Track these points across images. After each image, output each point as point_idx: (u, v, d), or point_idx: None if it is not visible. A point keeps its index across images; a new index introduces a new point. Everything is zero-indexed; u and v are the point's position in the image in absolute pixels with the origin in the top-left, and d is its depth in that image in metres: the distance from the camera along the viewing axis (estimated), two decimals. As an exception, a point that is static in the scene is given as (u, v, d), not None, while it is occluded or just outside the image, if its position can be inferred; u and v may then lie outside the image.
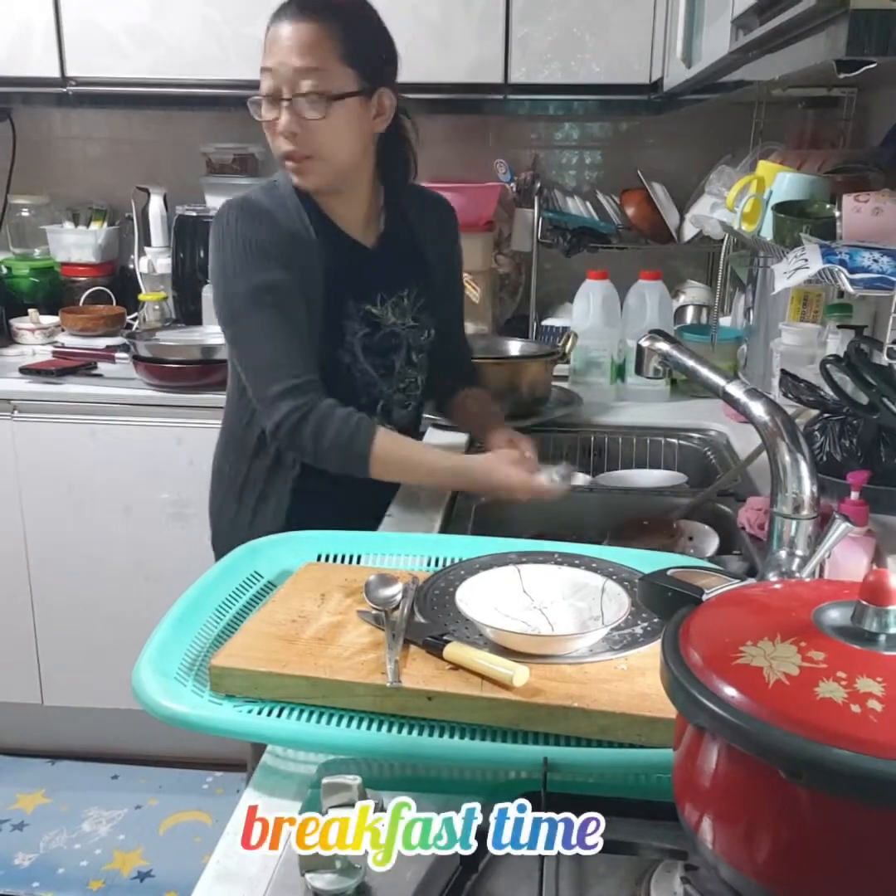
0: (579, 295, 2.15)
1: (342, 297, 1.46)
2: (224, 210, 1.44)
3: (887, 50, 0.79)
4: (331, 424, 1.37)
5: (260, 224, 1.40)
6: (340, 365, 1.47)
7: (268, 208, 1.42)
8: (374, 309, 1.49)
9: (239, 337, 1.43)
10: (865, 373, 1.43)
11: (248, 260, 1.38)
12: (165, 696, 0.84)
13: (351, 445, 1.38)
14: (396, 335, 1.52)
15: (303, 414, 1.37)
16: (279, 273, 1.39)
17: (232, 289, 1.40)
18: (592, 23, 2.15)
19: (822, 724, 0.51)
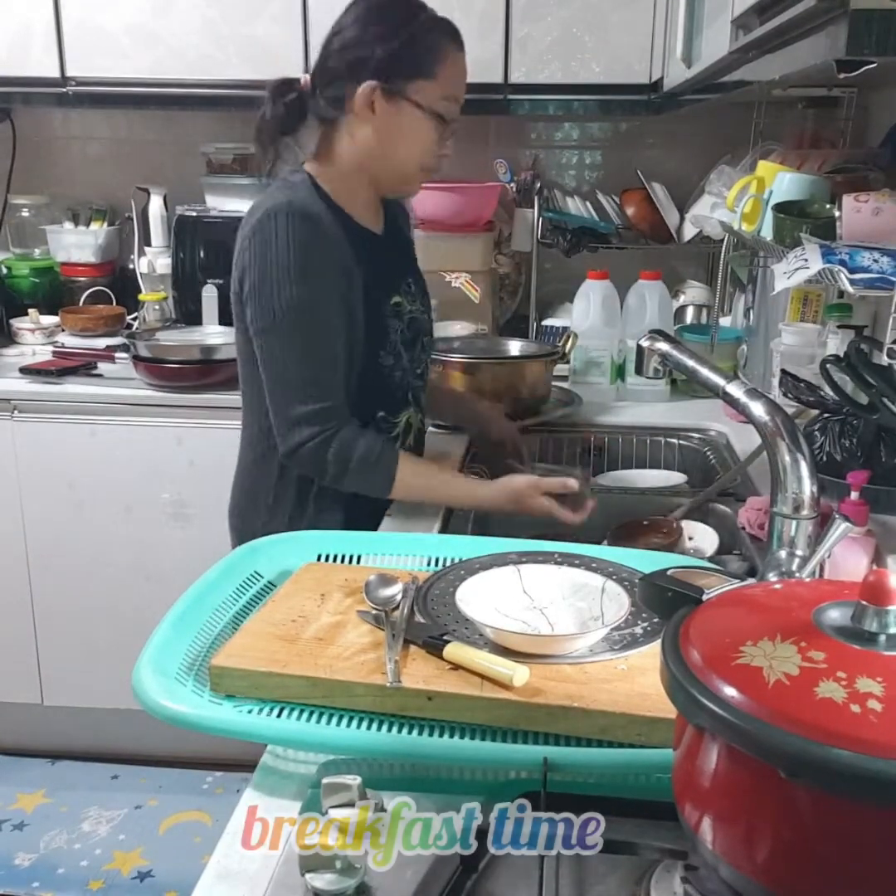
0: (579, 295, 2.15)
1: (380, 297, 1.46)
2: (269, 217, 1.37)
3: (887, 50, 0.79)
4: (356, 449, 1.37)
5: (313, 231, 1.37)
6: (382, 368, 1.46)
7: (317, 212, 1.39)
8: (399, 298, 1.50)
9: (272, 350, 1.39)
10: (865, 373, 1.43)
11: (297, 271, 1.35)
12: (165, 696, 0.84)
13: (375, 472, 1.39)
14: (417, 321, 1.54)
15: (325, 438, 1.36)
16: (325, 285, 1.37)
17: (276, 298, 1.36)
18: (592, 23, 2.15)
19: (822, 724, 0.51)
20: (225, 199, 2.48)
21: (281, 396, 1.39)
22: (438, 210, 2.26)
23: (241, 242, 1.42)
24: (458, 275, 2.29)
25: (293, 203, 1.37)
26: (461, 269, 2.28)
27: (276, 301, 1.36)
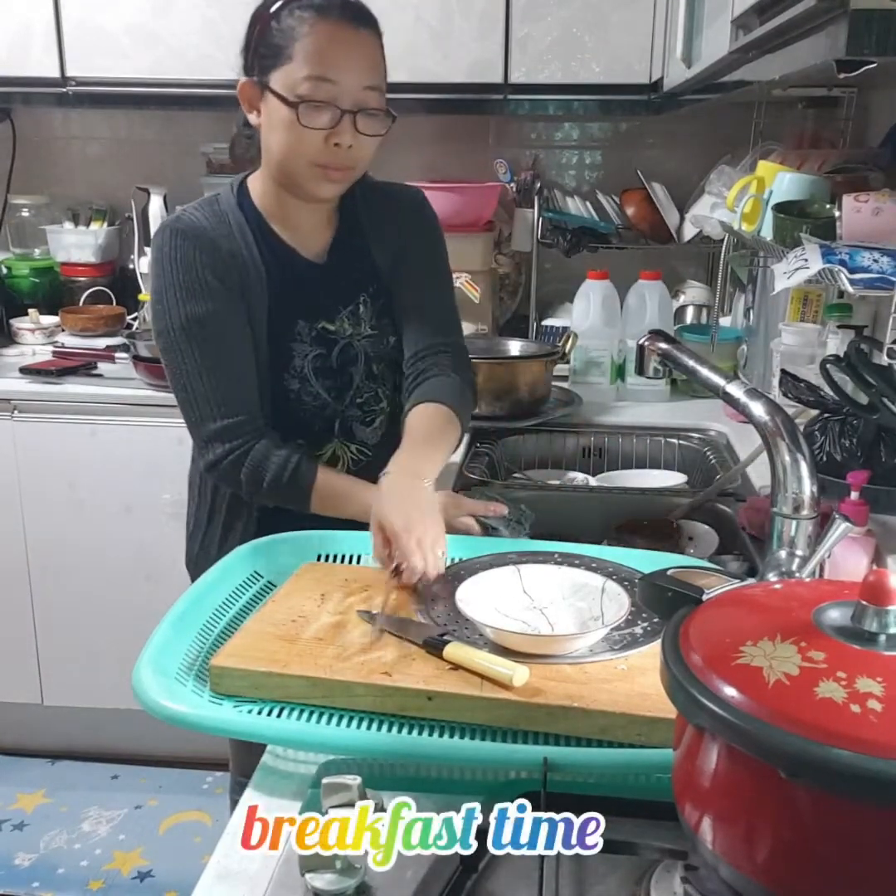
0: (579, 295, 2.15)
1: (291, 317, 1.37)
2: (159, 233, 1.34)
3: (887, 50, 0.79)
4: (268, 468, 1.30)
5: (195, 249, 1.31)
6: (289, 392, 1.38)
7: (204, 228, 1.33)
8: (330, 325, 1.39)
9: (173, 369, 1.33)
10: (865, 373, 1.43)
11: (183, 289, 1.30)
12: (165, 696, 0.84)
13: (290, 489, 1.31)
14: (352, 347, 1.41)
15: (238, 455, 1.31)
16: (216, 303, 1.31)
17: (167, 320, 1.31)
18: (592, 23, 2.15)
19: (822, 724, 0.51)
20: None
21: (191, 413, 1.34)
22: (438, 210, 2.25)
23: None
24: (458, 275, 2.28)
25: (180, 218, 1.35)
26: (461, 269, 2.28)
27: (168, 320, 1.31)
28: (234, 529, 1.44)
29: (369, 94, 1.26)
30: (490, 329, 2.36)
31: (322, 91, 1.23)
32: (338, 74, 1.23)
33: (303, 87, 1.23)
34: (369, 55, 1.27)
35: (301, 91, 1.23)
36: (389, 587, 1.04)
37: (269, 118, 1.28)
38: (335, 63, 1.23)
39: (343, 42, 1.24)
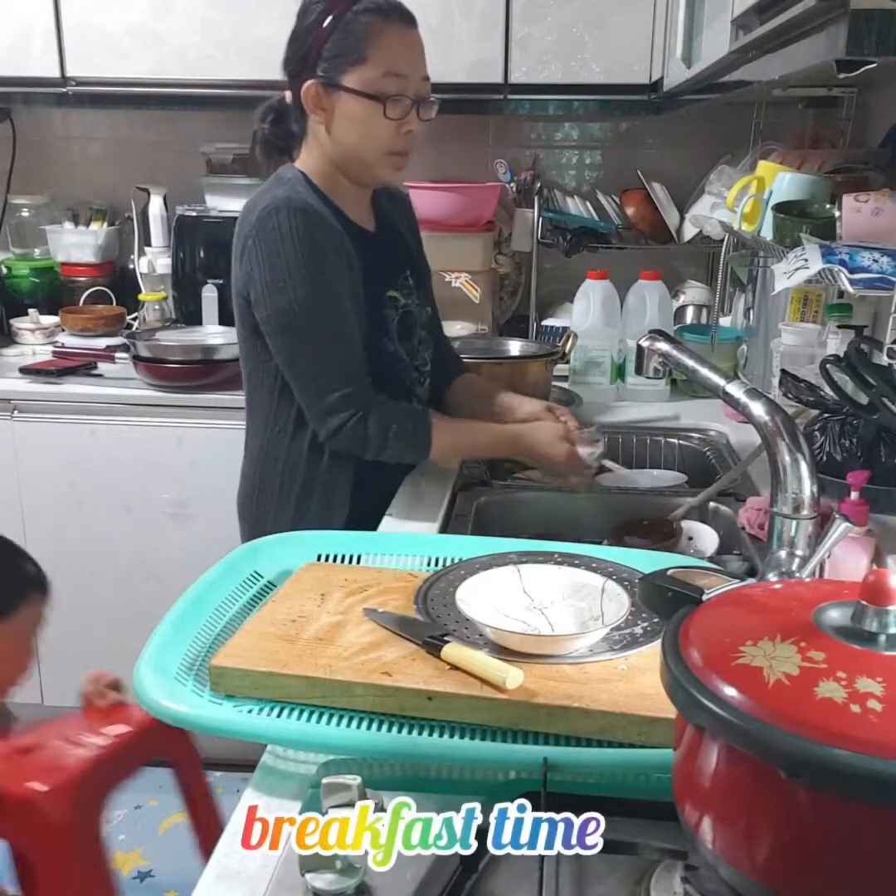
0: (579, 295, 2.15)
1: (376, 288, 1.50)
2: (269, 216, 1.39)
3: (887, 50, 0.79)
4: (392, 420, 1.45)
5: (315, 225, 1.40)
6: (386, 354, 1.52)
7: (314, 206, 1.42)
8: (394, 292, 1.54)
9: (293, 346, 1.43)
10: (865, 373, 1.43)
11: (310, 265, 1.39)
12: (165, 696, 0.84)
13: (415, 435, 1.47)
14: (412, 314, 1.58)
15: (362, 416, 1.43)
16: (337, 278, 1.41)
17: (290, 297, 1.39)
18: (592, 23, 2.15)
19: (822, 724, 0.51)
20: (225, 199, 2.48)
21: (311, 388, 1.44)
22: (438, 210, 2.26)
23: (242, 241, 1.43)
24: (458, 275, 2.29)
25: (291, 199, 1.40)
26: (461, 269, 2.28)
27: (291, 299, 1.39)
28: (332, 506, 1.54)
29: (426, 85, 1.45)
30: (490, 329, 2.36)
31: (398, 85, 1.41)
32: (407, 69, 1.41)
33: (380, 84, 1.39)
34: (422, 49, 1.46)
35: (381, 87, 1.39)
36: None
37: (341, 114, 1.42)
38: (405, 60, 1.42)
39: (407, 41, 1.43)
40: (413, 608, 1.01)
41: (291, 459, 1.53)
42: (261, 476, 1.58)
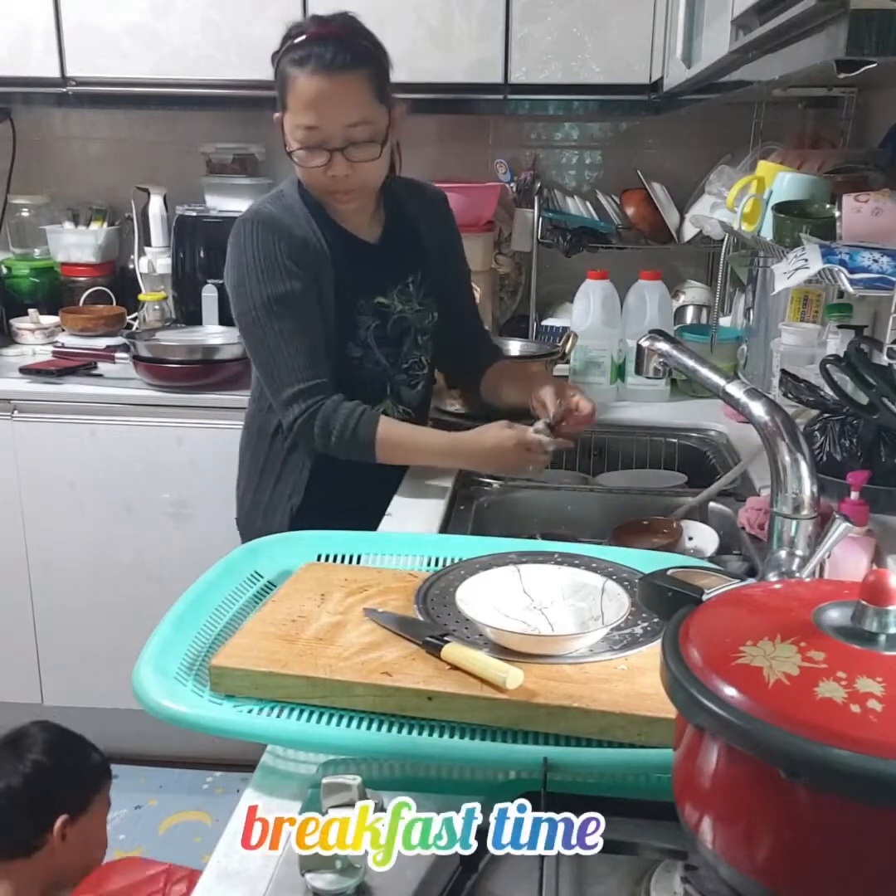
0: (579, 295, 2.14)
1: (353, 295, 1.57)
2: (239, 226, 1.53)
3: (887, 50, 0.79)
4: (336, 420, 1.49)
5: (275, 237, 1.49)
6: (352, 359, 1.59)
7: (280, 219, 1.51)
8: (384, 299, 1.60)
9: (255, 345, 1.54)
10: (865, 373, 1.43)
11: (265, 273, 1.49)
12: (165, 696, 0.84)
13: (356, 437, 1.49)
14: (405, 320, 1.63)
15: (311, 413, 1.50)
16: (294, 283, 1.50)
17: (249, 301, 1.51)
18: (592, 23, 2.15)
19: (822, 724, 0.51)
20: (225, 199, 2.48)
21: (270, 384, 1.54)
22: (438, 210, 2.26)
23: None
24: (457, 275, 2.28)
25: (260, 212, 1.53)
26: (461, 269, 2.28)
27: (251, 300, 1.51)
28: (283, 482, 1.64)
29: (354, 131, 1.44)
30: (490, 329, 2.36)
31: (311, 137, 1.44)
32: (321, 121, 1.43)
33: (297, 135, 1.45)
34: (348, 97, 1.43)
35: (297, 137, 1.45)
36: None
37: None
38: (315, 112, 1.42)
39: (320, 91, 1.42)
40: (413, 608, 1.01)
41: (262, 435, 1.67)
42: (242, 445, 1.74)
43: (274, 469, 1.66)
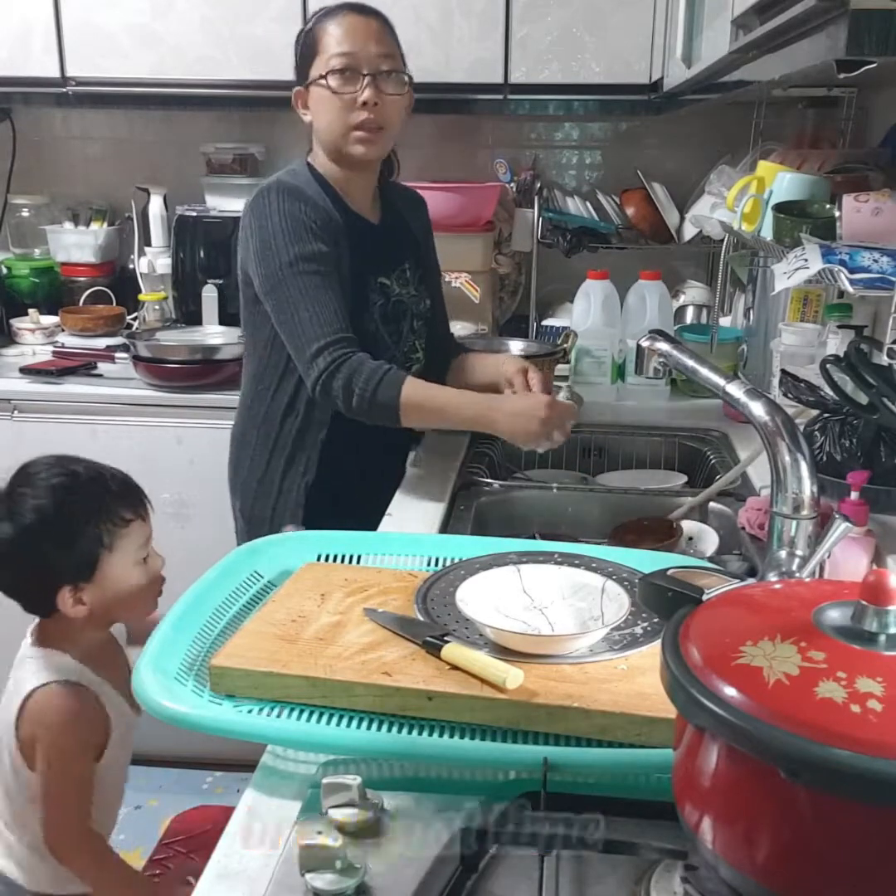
0: (579, 295, 2.14)
1: (364, 271, 1.61)
2: (261, 195, 1.56)
3: (887, 50, 0.79)
4: (361, 375, 1.48)
5: (299, 202, 1.54)
6: (367, 333, 1.60)
7: (303, 189, 1.56)
8: (386, 280, 1.65)
9: (281, 304, 1.54)
10: (865, 373, 1.43)
11: (292, 235, 1.52)
12: (166, 696, 0.84)
13: (379, 394, 1.48)
14: (403, 303, 1.68)
15: (337, 365, 1.49)
16: (319, 245, 1.53)
17: (276, 260, 1.53)
18: (592, 23, 2.15)
19: (822, 724, 0.51)
20: (225, 199, 2.48)
21: (295, 343, 1.53)
22: (438, 210, 2.25)
23: (244, 220, 1.60)
24: (458, 275, 2.29)
25: (280, 180, 1.57)
26: (461, 269, 2.28)
27: (277, 262, 1.52)
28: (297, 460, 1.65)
29: (384, 59, 1.54)
30: (490, 329, 2.36)
31: (343, 61, 1.52)
32: (354, 46, 1.52)
33: (333, 63, 1.52)
34: (378, 31, 1.55)
35: (332, 65, 1.52)
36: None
37: (314, 107, 1.57)
38: (350, 39, 1.53)
39: (354, 24, 1.54)
40: (413, 608, 1.01)
41: (270, 416, 1.66)
42: (242, 429, 1.73)
43: (285, 449, 1.66)
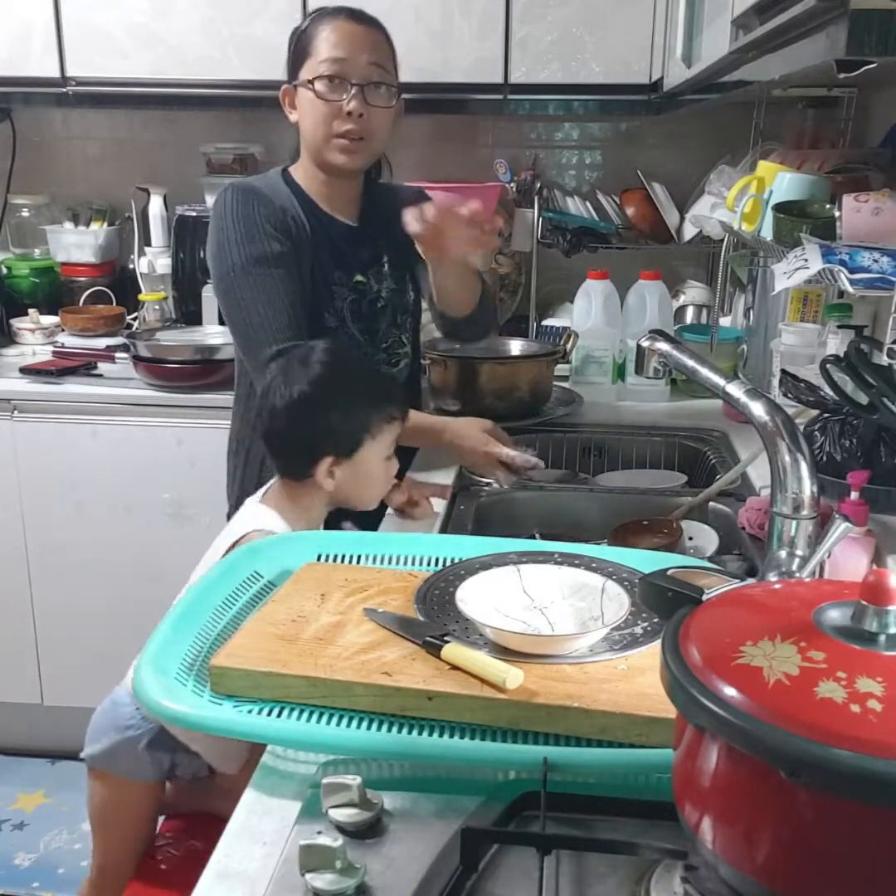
0: (579, 295, 2.14)
1: (330, 267, 1.62)
2: (221, 193, 1.58)
3: (887, 50, 0.79)
4: None
5: (254, 202, 1.55)
6: (327, 329, 1.60)
7: (259, 188, 1.58)
8: (361, 277, 1.65)
9: (233, 307, 1.54)
10: (865, 373, 1.43)
11: (244, 235, 1.53)
12: (166, 696, 0.84)
13: None
14: (381, 299, 1.68)
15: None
16: (272, 245, 1.53)
17: (228, 263, 1.54)
18: (592, 23, 2.15)
19: (822, 724, 0.51)
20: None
21: (249, 342, 1.53)
22: (438, 210, 2.25)
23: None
24: (458, 275, 2.28)
25: (239, 181, 1.60)
26: (461, 270, 2.28)
27: (229, 262, 1.53)
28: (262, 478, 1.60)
29: (374, 70, 1.53)
30: (490, 329, 2.35)
31: (333, 68, 1.51)
32: (346, 54, 1.51)
33: (321, 69, 1.52)
34: (372, 41, 1.55)
35: (321, 71, 1.52)
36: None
37: (301, 108, 1.57)
38: (342, 46, 1.52)
39: (349, 31, 1.53)
40: (413, 608, 1.01)
41: (246, 422, 1.68)
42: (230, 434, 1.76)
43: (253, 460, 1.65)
